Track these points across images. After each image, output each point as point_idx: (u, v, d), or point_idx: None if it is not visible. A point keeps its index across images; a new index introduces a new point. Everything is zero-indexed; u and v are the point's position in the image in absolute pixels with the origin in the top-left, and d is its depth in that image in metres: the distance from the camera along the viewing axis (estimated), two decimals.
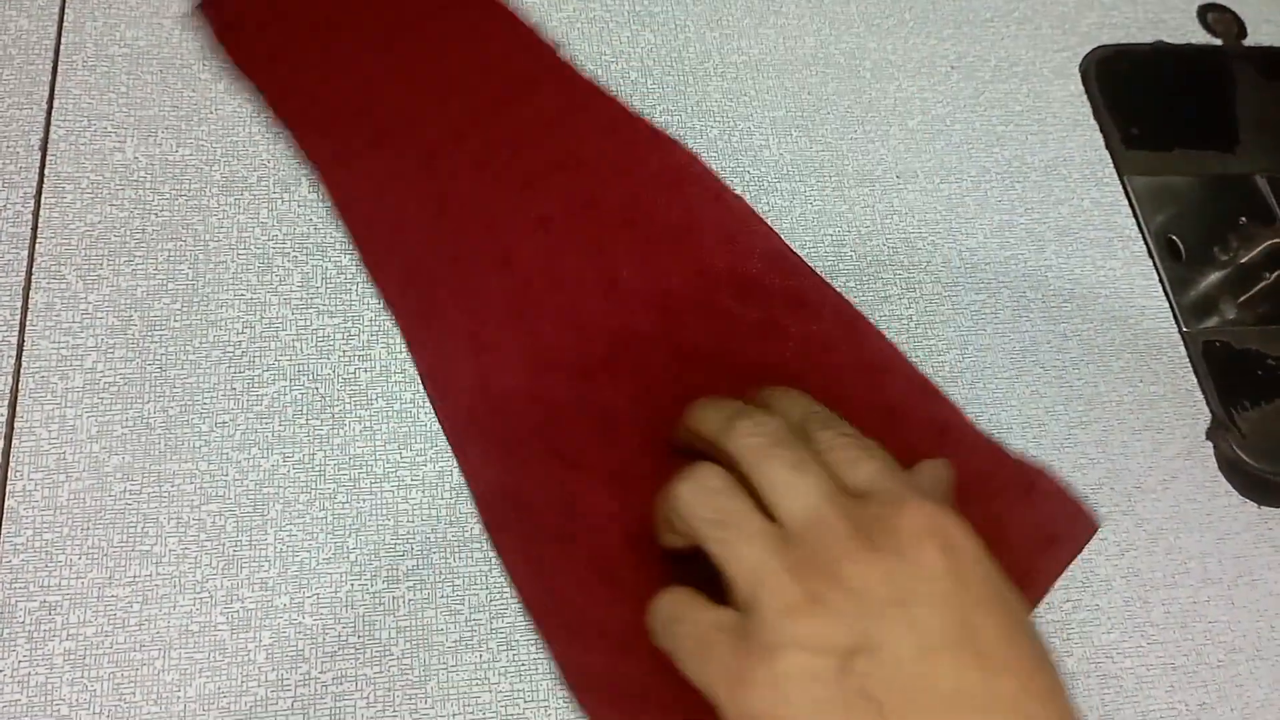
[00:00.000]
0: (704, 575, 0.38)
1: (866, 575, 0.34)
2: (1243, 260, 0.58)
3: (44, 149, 0.50)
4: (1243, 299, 0.57)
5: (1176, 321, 0.55)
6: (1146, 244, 0.57)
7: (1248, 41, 0.66)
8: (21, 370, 0.45)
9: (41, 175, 0.49)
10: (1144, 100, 0.62)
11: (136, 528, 0.43)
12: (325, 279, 0.49)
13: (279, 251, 0.49)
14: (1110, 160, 0.60)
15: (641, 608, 0.41)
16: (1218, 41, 0.65)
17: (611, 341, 0.49)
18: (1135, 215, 0.58)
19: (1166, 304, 0.56)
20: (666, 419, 0.46)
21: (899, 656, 0.32)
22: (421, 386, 0.47)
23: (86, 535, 0.42)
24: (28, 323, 0.46)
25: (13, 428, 0.44)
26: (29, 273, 0.47)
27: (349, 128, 0.53)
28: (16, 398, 0.44)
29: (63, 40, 0.53)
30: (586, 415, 0.47)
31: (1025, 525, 0.46)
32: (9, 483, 0.43)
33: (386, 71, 0.55)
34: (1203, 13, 0.66)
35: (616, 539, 0.44)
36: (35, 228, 0.48)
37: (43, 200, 0.49)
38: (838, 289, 0.52)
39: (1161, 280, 0.56)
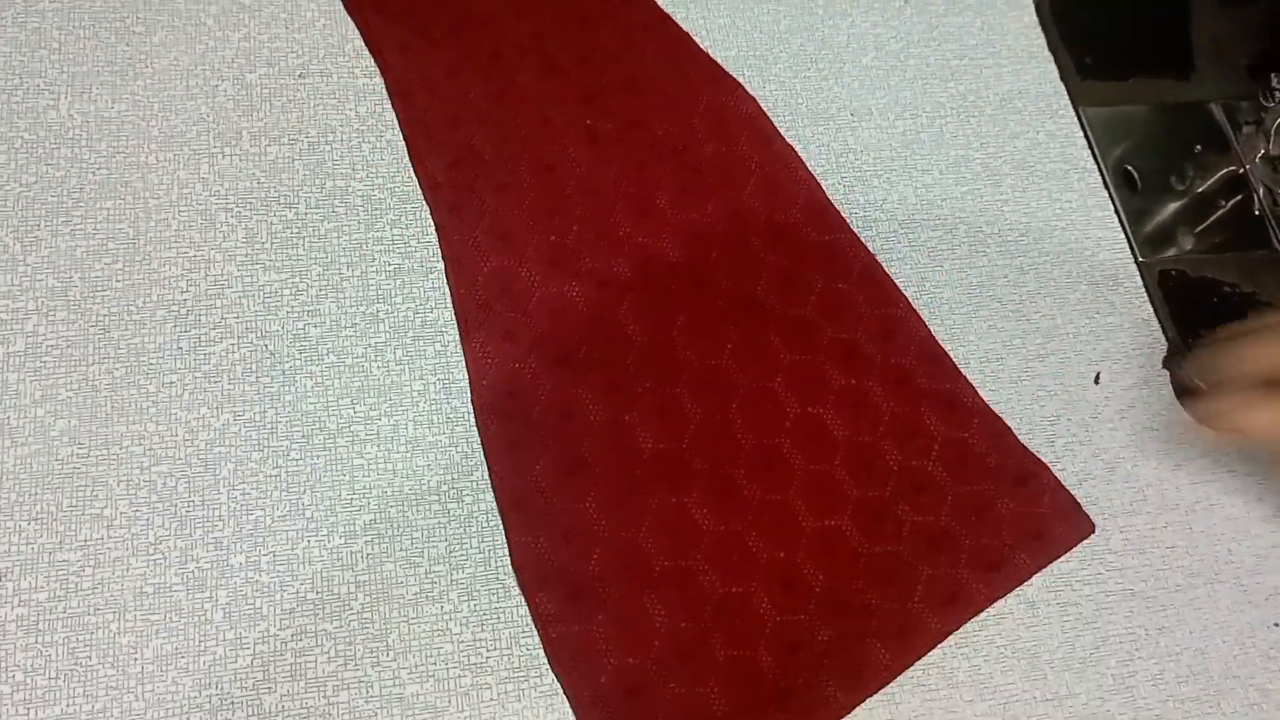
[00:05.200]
0: None
1: None
2: (1199, 189, 0.58)
3: None
4: (1199, 228, 0.57)
5: (1133, 252, 0.55)
6: (1102, 176, 0.57)
7: None
8: None
9: None
10: (1098, 29, 0.62)
11: (86, 491, 0.42)
12: (270, 234, 0.48)
13: (221, 207, 0.48)
14: (1065, 92, 0.59)
15: (606, 505, 0.44)
16: None
17: (635, 260, 0.50)
18: (1091, 147, 0.58)
19: (1123, 235, 0.56)
20: (673, 344, 0.48)
21: None
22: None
23: (35, 500, 0.42)
24: None
25: None
26: None
27: (424, 18, 0.54)
28: None
29: None
30: (596, 327, 0.48)
31: (1014, 512, 0.47)
32: None
33: None
34: None
35: (601, 444, 0.46)
36: None
37: None
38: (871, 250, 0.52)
39: (1117, 211, 0.56)
